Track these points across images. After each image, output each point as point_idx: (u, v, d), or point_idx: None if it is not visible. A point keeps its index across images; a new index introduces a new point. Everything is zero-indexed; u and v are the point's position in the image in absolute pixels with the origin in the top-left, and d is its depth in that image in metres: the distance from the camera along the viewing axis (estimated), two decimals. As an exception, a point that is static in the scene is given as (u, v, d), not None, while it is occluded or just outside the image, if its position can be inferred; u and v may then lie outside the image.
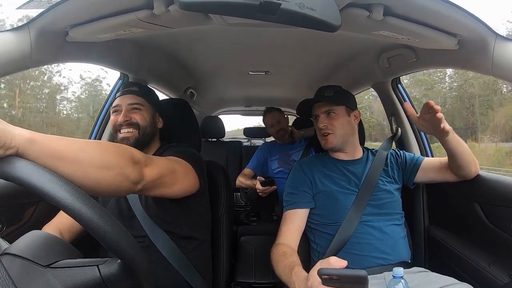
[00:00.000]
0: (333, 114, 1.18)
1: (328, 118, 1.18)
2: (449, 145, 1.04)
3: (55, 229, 0.96)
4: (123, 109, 1.04)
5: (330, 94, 1.18)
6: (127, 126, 1.03)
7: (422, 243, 1.37)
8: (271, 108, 2.28)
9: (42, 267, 0.46)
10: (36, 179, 0.43)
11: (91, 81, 28.69)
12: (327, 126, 1.17)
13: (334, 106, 1.18)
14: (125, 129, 1.02)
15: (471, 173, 1.11)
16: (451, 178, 1.15)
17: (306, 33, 1.07)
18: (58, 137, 0.53)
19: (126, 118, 1.03)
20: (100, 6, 0.78)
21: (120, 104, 1.05)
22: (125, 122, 1.02)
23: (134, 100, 1.06)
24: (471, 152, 1.09)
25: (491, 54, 0.80)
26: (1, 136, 0.43)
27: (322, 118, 1.19)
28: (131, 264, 0.47)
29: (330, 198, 1.13)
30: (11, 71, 0.78)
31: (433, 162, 1.23)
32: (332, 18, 0.66)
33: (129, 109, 1.05)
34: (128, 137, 1.02)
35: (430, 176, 1.20)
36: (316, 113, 1.21)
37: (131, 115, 1.04)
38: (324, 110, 1.18)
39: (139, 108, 1.06)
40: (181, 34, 1.21)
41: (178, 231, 0.99)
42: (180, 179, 0.88)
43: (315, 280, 0.70)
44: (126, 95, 1.07)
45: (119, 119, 1.03)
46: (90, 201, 0.44)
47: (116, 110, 1.05)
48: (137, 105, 1.06)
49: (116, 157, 0.62)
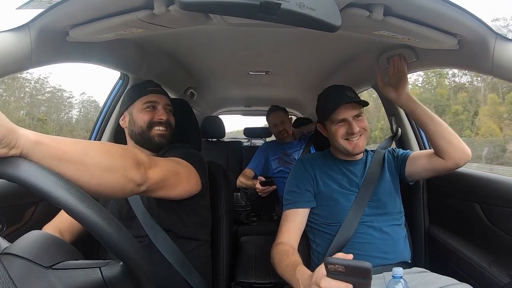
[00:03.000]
0: (361, 117, 1.12)
1: (357, 121, 1.11)
2: (420, 118, 1.09)
3: (55, 229, 0.96)
4: (160, 107, 1.06)
5: (352, 95, 1.12)
6: (164, 125, 1.05)
7: (422, 243, 1.37)
8: (276, 107, 2.27)
9: (44, 268, 0.46)
10: (40, 181, 0.43)
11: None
12: (360, 130, 1.11)
13: (361, 108, 1.13)
14: (160, 127, 1.05)
15: (457, 158, 1.06)
16: (441, 165, 1.09)
17: (306, 33, 1.07)
18: (63, 139, 0.53)
19: (165, 117, 1.06)
20: (100, 6, 0.78)
21: (157, 101, 1.07)
22: (165, 121, 1.05)
23: (168, 102, 1.10)
24: (458, 137, 1.07)
25: (491, 54, 0.80)
26: (7, 135, 0.43)
27: (354, 122, 1.10)
28: (134, 267, 0.47)
29: (331, 198, 1.13)
30: (11, 72, 0.78)
31: (423, 151, 1.24)
32: (332, 18, 0.66)
33: (166, 109, 1.08)
34: (164, 135, 1.05)
35: (421, 164, 1.15)
36: (345, 116, 1.11)
37: (168, 116, 1.07)
38: (354, 114, 1.11)
39: (171, 111, 1.10)
40: (181, 34, 1.21)
41: (179, 231, 0.99)
42: (183, 181, 0.88)
43: (319, 274, 0.71)
44: (161, 95, 1.09)
45: (161, 117, 1.05)
46: (94, 204, 0.45)
47: (151, 106, 1.06)
48: (170, 107, 1.10)
49: (120, 159, 0.63)
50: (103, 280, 0.46)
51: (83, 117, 30.48)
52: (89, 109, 31.04)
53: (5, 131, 0.43)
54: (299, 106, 3.15)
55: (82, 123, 28.72)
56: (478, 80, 20.47)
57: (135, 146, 1.06)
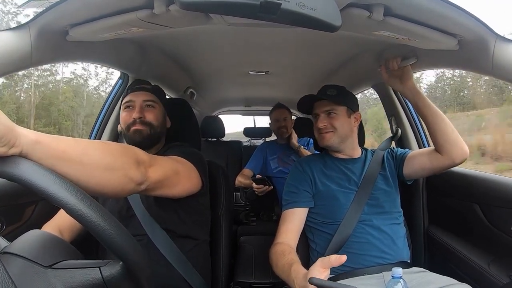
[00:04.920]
0: (334, 114, 1.17)
1: (328, 117, 1.18)
2: (421, 110, 1.10)
3: (55, 228, 0.96)
4: (136, 105, 1.03)
5: (333, 93, 1.17)
6: (140, 124, 1.01)
7: (422, 243, 1.37)
8: (281, 105, 2.30)
9: (44, 267, 0.45)
10: (40, 180, 0.42)
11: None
12: (327, 126, 1.17)
13: (335, 106, 1.17)
14: (138, 127, 1.01)
15: (454, 155, 1.07)
16: (437, 161, 1.10)
17: (307, 33, 1.07)
18: (63, 138, 0.53)
19: (141, 115, 1.01)
20: (101, 5, 0.78)
21: (133, 100, 1.04)
22: (139, 119, 1.01)
23: (148, 97, 1.05)
24: (458, 134, 1.08)
25: (491, 55, 0.80)
26: (6, 133, 0.43)
27: (322, 118, 1.18)
28: (133, 267, 0.47)
29: (330, 197, 1.13)
30: (11, 71, 0.78)
31: (422, 149, 1.26)
32: (333, 18, 0.66)
33: (143, 106, 1.03)
34: (141, 129, 1.01)
35: (419, 162, 1.16)
36: (317, 111, 1.20)
37: (145, 113, 1.03)
38: (325, 110, 1.18)
39: (153, 106, 1.05)
40: (181, 34, 1.21)
41: (178, 230, 0.99)
42: (183, 180, 0.88)
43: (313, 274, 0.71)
44: (140, 92, 1.05)
45: (133, 115, 1.01)
46: (94, 204, 0.44)
47: (129, 106, 1.04)
48: (151, 102, 1.05)
49: (121, 158, 0.62)
50: (102, 280, 0.46)
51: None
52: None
53: (5, 129, 0.42)
54: None
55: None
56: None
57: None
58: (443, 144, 1.07)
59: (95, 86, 21.30)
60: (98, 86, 20.91)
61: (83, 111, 18.78)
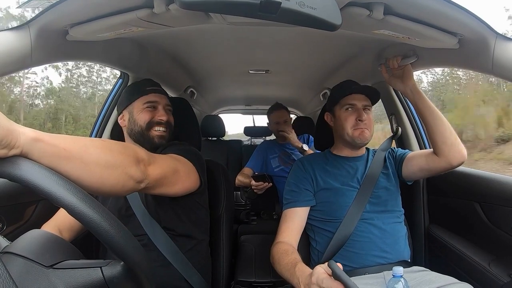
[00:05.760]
0: (369, 111, 1.17)
1: (365, 112, 1.16)
2: (421, 110, 1.09)
3: (55, 227, 0.96)
4: (160, 107, 1.06)
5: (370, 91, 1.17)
6: (164, 125, 1.05)
7: (422, 242, 1.37)
8: (280, 105, 2.25)
9: (45, 267, 0.46)
10: (41, 181, 0.42)
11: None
12: (366, 122, 1.15)
13: (370, 103, 1.18)
14: (160, 127, 1.04)
15: (452, 157, 1.06)
16: (435, 163, 1.09)
17: (307, 32, 1.07)
18: (62, 136, 0.53)
19: (166, 117, 1.06)
20: (100, 5, 0.78)
21: (158, 101, 1.07)
22: (165, 121, 1.05)
23: (168, 102, 1.10)
24: (456, 137, 1.07)
25: (491, 54, 0.80)
26: (6, 135, 0.42)
27: (363, 112, 1.15)
28: (135, 267, 0.47)
29: (332, 194, 1.13)
30: (12, 71, 0.78)
31: (421, 150, 1.25)
32: (333, 17, 0.66)
33: (166, 110, 1.08)
34: (164, 136, 1.05)
35: (417, 163, 1.15)
36: (355, 102, 1.16)
37: (168, 116, 1.07)
38: (364, 104, 1.16)
39: (171, 110, 1.10)
40: (181, 33, 1.21)
41: (177, 229, 0.99)
42: (182, 178, 0.88)
43: (320, 274, 0.72)
44: (161, 95, 1.09)
45: (161, 117, 1.05)
46: (95, 204, 0.44)
47: (152, 106, 1.06)
48: (169, 107, 1.10)
49: (120, 156, 0.62)
50: (104, 280, 0.46)
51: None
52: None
53: (5, 132, 0.42)
54: (299, 105, 3.15)
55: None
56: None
57: (134, 144, 1.06)
58: (441, 146, 1.06)
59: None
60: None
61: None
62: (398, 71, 1.13)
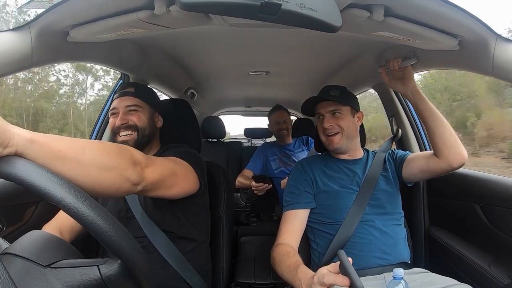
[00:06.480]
0: (339, 114, 1.17)
1: (333, 118, 1.17)
2: (421, 112, 1.09)
3: (55, 228, 0.96)
4: (120, 111, 1.04)
5: (336, 94, 1.17)
6: (125, 129, 1.03)
7: (422, 243, 1.37)
8: (280, 107, 2.29)
9: (43, 267, 0.46)
10: (35, 178, 0.42)
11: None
12: (333, 126, 1.16)
13: (340, 106, 1.17)
14: (123, 132, 1.02)
15: (452, 159, 1.05)
16: (435, 165, 1.09)
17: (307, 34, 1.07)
18: (58, 137, 0.53)
19: (124, 121, 1.03)
20: (101, 6, 0.78)
21: (117, 106, 1.05)
22: (123, 125, 1.03)
23: (131, 102, 1.06)
24: (457, 139, 1.07)
25: (491, 55, 0.80)
26: (0, 134, 0.43)
27: (328, 118, 1.17)
28: (132, 266, 0.47)
29: (332, 197, 1.13)
30: (12, 71, 0.78)
31: (422, 152, 1.26)
32: (333, 19, 0.66)
33: (126, 112, 1.05)
34: (127, 140, 1.02)
35: (417, 165, 1.15)
36: (321, 112, 1.19)
37: (128, 117, 1.04)
38: (330, 109, 1.17)
39: (136, 110, 1.06)
40: (181, 35, 1.21)
41: (177, 231, 0.99)
42: (180, 180, 0.88)
43: (321, 273, 0.72)
44: (122, 97, 1.07)
45: (116, 122, 1.03)
46: (91, 202, 0.44)
47: (114, 113, 1.06)
48: (134, 106, 1.06)
49: (117, 158, 0.62)
50: (101, 278, 0.46)
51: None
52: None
53: None
54: (299, 107, 3.14)
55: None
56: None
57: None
58: (441, 148, 1.06)
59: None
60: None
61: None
62: (398, 73, 1.13)
